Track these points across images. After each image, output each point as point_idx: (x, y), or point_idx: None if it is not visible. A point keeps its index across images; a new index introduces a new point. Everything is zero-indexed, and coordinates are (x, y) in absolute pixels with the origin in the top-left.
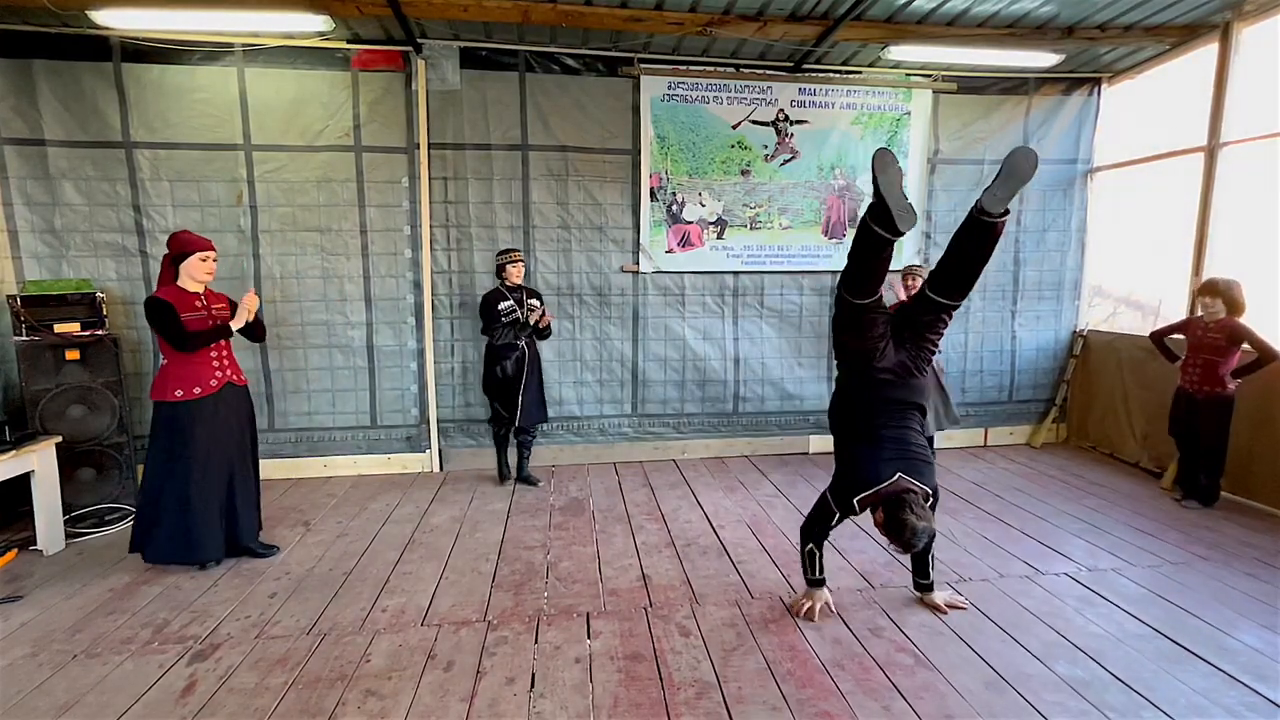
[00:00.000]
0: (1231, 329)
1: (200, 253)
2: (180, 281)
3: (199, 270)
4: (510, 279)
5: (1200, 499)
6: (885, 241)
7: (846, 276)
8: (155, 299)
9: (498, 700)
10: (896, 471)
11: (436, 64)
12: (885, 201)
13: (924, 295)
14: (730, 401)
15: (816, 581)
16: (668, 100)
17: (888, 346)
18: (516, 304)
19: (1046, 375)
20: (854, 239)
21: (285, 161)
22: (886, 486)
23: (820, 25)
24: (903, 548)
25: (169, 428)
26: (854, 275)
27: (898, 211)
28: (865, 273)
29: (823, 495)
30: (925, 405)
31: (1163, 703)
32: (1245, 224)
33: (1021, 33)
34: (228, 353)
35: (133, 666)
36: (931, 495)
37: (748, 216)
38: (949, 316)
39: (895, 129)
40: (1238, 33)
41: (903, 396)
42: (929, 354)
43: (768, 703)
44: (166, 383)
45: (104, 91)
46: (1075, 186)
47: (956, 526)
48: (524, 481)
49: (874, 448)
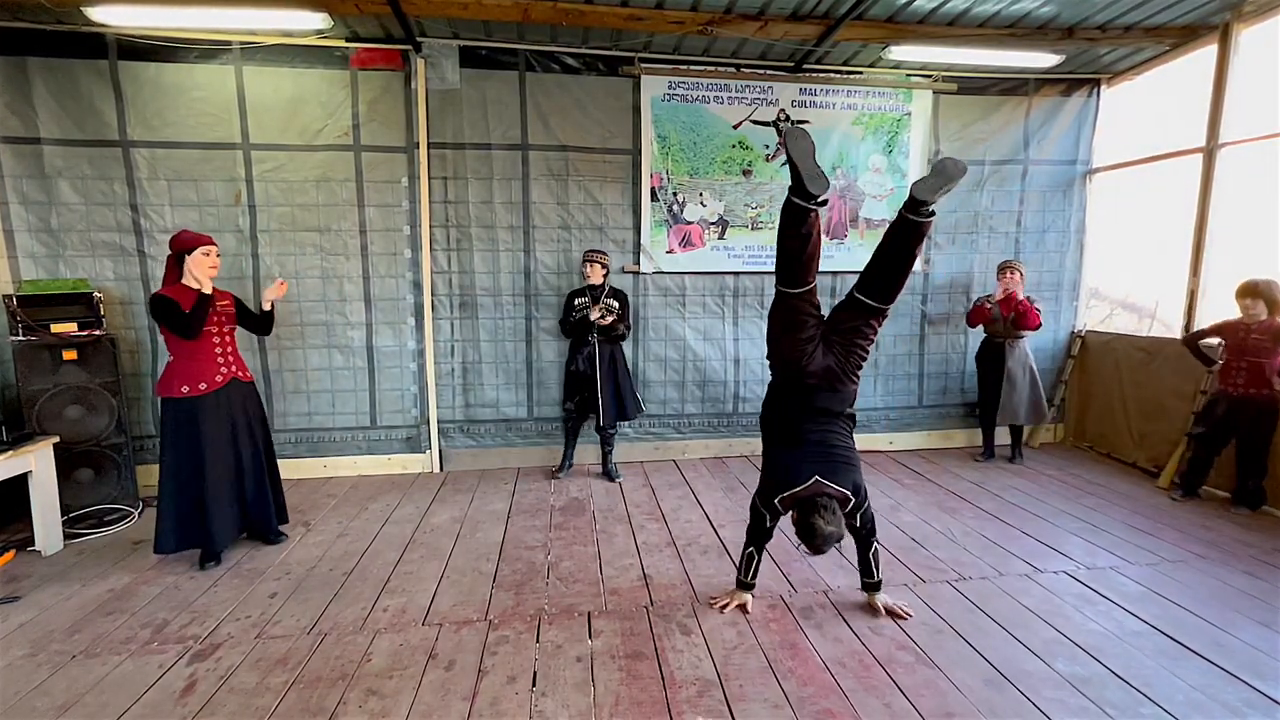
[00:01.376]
0: (1278, 330)
1: (202, 247)
2: (185, 280)
3: (202, 265)
4: (589, 278)
5: (1248, 503)
6: (803, 211)
7: (778, 264)
8: (159, 295)
9: (499, 699)
10: (814, 475)
11: (436, 63)
12: (795, 166)
13: (852, 298)
14: (730, 402)
15: (746, 585)
16: (668, 100)
17: (816, 351)
18: (591, 302)
19: (1045, 376)
20: (779, 222)
21: (284, 161)
22: (802, 489)
23: (821, 25)
24: (810, 550)
25: (176, 423)
26: (782, 259)
27: (808, 176)
28: (792, 254)
29: (752, 501)
30: (852, 411)
31: (1162, 699)
32: (1244, 225)
33: (1022, 33)
34: (233, 350)
35: (132, 667)
36: (851, 497)
37: (749, 217)
38: (878, 322)
39: (895, 129)
40: (1237, 34)
41: (826, 405)
42: (859, 360)
43: (769, 700)
44: (173, 379)
45: (100, 89)
46: (1074, 187)
47: (956, 525)
48: (606, 476)
49: (795, 450)
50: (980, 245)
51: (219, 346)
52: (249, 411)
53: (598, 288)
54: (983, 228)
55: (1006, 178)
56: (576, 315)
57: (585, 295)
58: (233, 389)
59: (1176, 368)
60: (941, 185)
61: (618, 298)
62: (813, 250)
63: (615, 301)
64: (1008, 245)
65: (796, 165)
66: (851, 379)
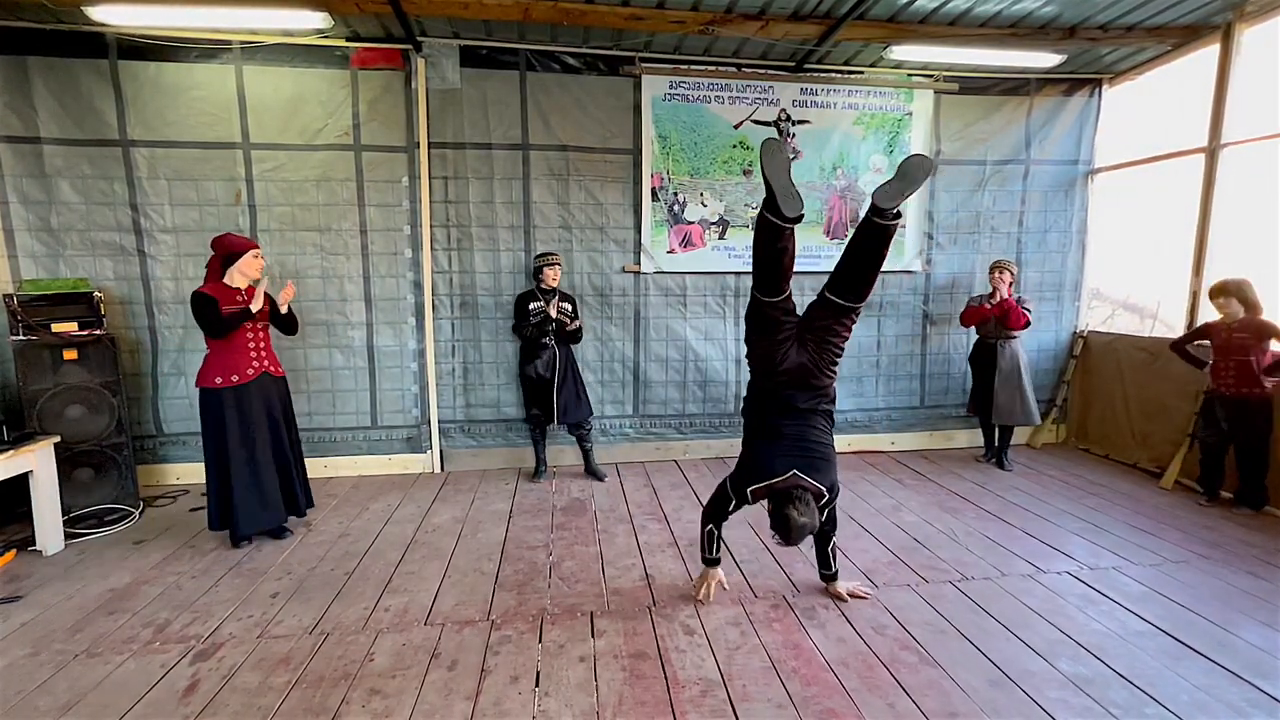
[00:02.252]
0: (1258, 326)
1: (252, 250)
2: (227, 278)
3: (251, 267)
4: (546, 281)
5: (1250, 504)
6: (777, 228)
7: (754, 273)
8: (200, 293)
9: (502, 699)
10: (791, 468)
11: (436, 62)
12: (769, 183)
13: (823, 297)
14: (732, 402)
15: (712, 561)
16: (669, 99)
17: (790, 349)
18: (547, 305)
19: (1047, 376)
20: (754, 232)
21: (284, 160)
22: (779, 481)
23: (822, 24)
24: (783, 540)
25: (210, 412)
26: (758, 269)
27: (781, 195)
28: (767, 266)
29: (722, 482)
30: (830, 407)
31: (1165, 699)
32: (1246, 225)
33: (1023, 33)
34: (265, 346)
35: (135, 666)
36: (827, 493)
37: (750, 216)
38: (851, 320)
39: (897, 129)
40: (1239, 34)
41: (803, 401)
42: (832, 357)
43: (773, 700)
44: (209, 370)
45: (100, 89)
46: (1076, 187)
47: (959, 526)
48: (591, 475)
49: (773, 443)
50: (982, 245)
51: (252, 342)
52: (276, 404)
53: (549, 291)
54: (984, 228)
55: (1008, 178)
56: (536, 317)
57: (538, 299)
58: (265, 381)
59: (1178, 368)
60: (904, 189)
61: (568, 300)
62: (789, 261)
63: (569, 304)
64: (1009, 245)
65: (770, 182)
66: (827, 374)
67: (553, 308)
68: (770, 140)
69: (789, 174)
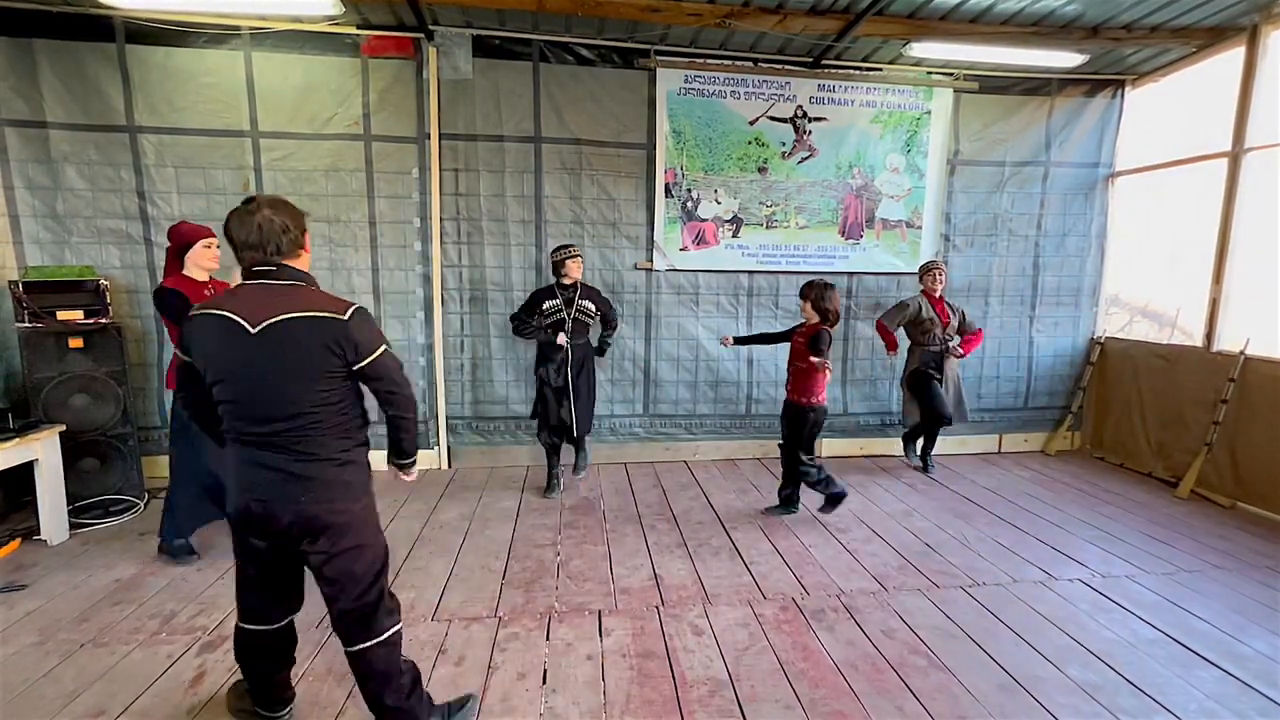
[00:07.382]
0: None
1: (203, 240)
2: (186, 271)
3: (205, 258)
4: (570, 276)
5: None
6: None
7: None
8: (164, 288)
9: (509, 695)
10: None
11: (448, 52)
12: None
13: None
14: (743, 403)
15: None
16: (684, 94)
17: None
18: (565, 304)
19: (1063, 382)
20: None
21: (293, 149)
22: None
23: (841, 20)
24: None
25: (181, 415)
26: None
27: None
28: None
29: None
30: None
31: (1175, 707)
32: (1269, 232)
33: (1046, 32)
34: None
35: (141, 656)
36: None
37: (764, 215)
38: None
39: (915, 128)
40: (1265, 36)
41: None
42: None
43: (781, 701)
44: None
45: (107, 73)
46: (1096, 191)
47: (970, 531)
48: (577, 472)
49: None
50: (999, 248)
51: None
52: None
53: (569, 287)
54: (1002, 230)
55: (1027, 179)
56: (547, 321)
57: (556, 298)
58: None
59: (1197, 376)
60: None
61: (592, 297)
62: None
63: (590, 304)
64: (1027, 248)
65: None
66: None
67: (563, 337)
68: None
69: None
